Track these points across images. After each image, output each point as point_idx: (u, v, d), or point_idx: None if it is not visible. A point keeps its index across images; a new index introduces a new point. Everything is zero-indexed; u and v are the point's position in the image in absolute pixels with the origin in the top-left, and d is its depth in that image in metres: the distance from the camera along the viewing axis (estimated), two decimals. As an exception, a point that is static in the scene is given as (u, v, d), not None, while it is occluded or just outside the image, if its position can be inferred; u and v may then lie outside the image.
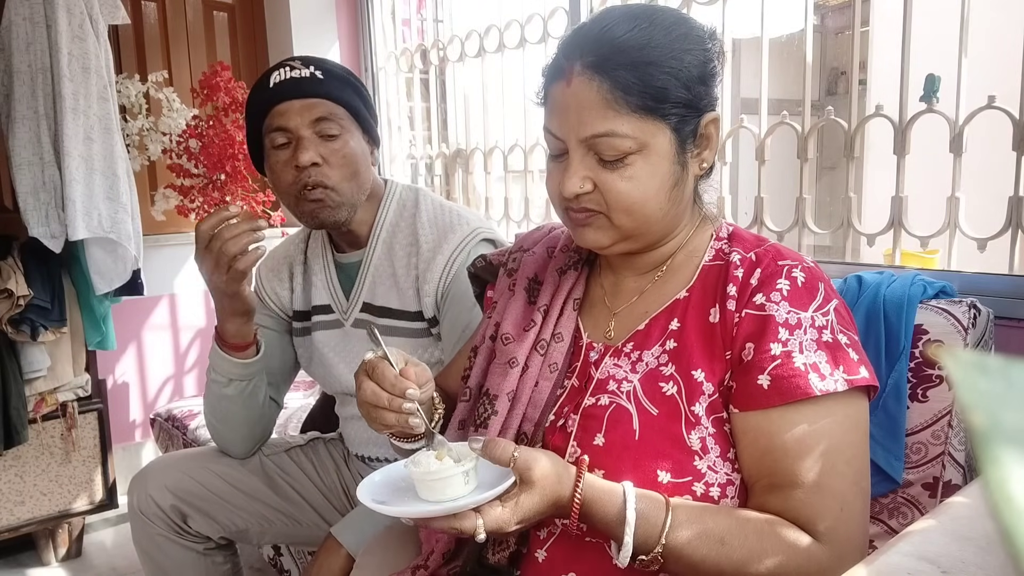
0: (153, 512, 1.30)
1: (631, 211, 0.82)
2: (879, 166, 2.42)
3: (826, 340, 0.78)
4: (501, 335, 0.95)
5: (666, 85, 0.78)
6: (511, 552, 0.88)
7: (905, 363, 1.06)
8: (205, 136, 2.35)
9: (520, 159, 2.49)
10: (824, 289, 0.81)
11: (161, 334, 2.71)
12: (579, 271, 0.96)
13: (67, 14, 1.93)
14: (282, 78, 1.24)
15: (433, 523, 0.74)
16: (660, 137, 0.80)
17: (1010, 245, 1.40)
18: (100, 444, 2.23)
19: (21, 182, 1.93)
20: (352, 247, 1.37)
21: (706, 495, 0.79)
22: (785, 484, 0.77)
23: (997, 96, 1.38)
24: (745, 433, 0.79)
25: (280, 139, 1.23)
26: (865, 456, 0.80)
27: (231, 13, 2.85)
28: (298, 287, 1.43)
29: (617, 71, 0.78)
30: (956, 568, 0.53)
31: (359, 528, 1.21)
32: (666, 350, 0.84)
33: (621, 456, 0.80)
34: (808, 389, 0.76)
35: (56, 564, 2.25)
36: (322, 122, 1.22)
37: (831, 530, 0.75)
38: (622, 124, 0.78)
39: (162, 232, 2.64)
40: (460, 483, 0.75)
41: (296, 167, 1.21)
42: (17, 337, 1.98)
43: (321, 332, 1.39)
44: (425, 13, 3.01)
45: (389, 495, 0.81)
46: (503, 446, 0.75)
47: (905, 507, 1.08)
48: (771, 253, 0.84)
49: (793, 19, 1.92)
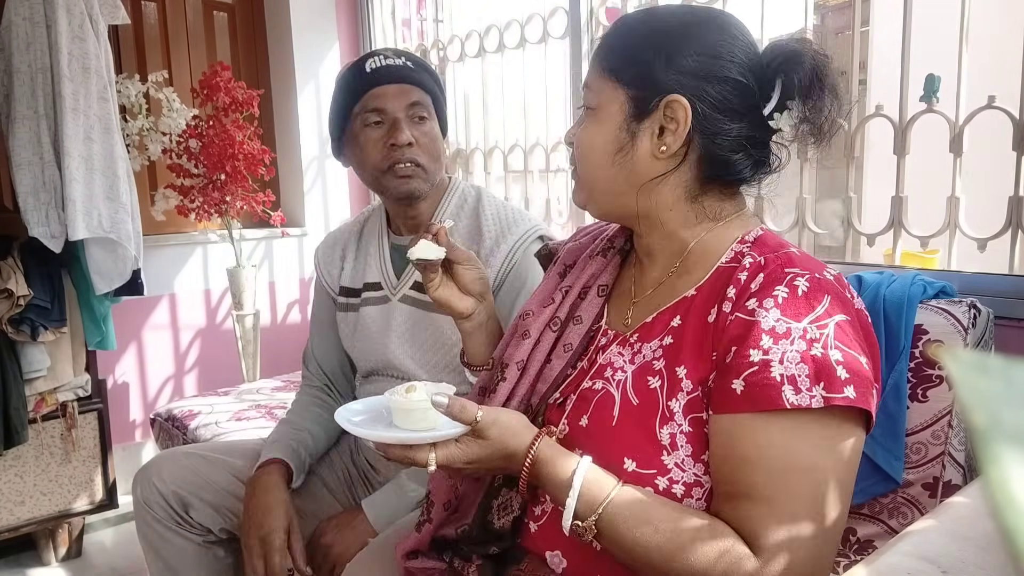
0: (156, 501, 1.32)
1: (582, 160, 0.90)
2: (879, 166, 2.42)
3: (814, 354, 0.73)
4: (524, 311, 1.00)
5: (632, 53, 0.85)
6: (514, 517, 0.92)
7: (905, 363, 1.06)
8: (205, 136, 2.36)
9: (520, 159, 2.49)
10: (829, 301, 0.76)
11: (161, 334, 2.71)
12: (608, 259, 0.99)
13: (67, 14, 1.93)
14: (378, 64, 1.35)
15: (391, 450, 0.80)
16: (613, 102, 0.86)
17: (1010, 245, 1.40)
18: (100, 444, 2.23)
19: (21, 182, 1.93)
20: (411, 231, 1.44)
21: (668, 491, 0.78)
22: (738, 494, 0.75)
23: (997, 96, 1.38)
24: (714, 436, 0.78)
25: (374, 118, 1.34)
26: (840, 484, 0.75)
27: (231, 13, 2.85)
28: (348, 265, 1.51)
29: (612, 38, 0.89)
30: (956, 568, 0.53)
31: (386, 506, 1.30)
32: (662, 345, 0.85)
33: (598, 439, 0.83)
34: (779, 400, 0.72)
35: (56, 564, 2.25)
36: (415, 107, 1.35)
37: (771, 551, 0.72)
38: (594, 80, 0.88)
39: (162, 232, 2.64)
40: (419, 418, 0.82)
41: (392, 145, 1.32)
42: (17, 337, 1.98)
43: (370, 307, 1.45)
44: (425, 13, 3.01)
45: (364, 420, 0.88)
46: (468, 409, 0.78)
47: (905, 507, 1.08)
48: (781, 259, 0.80)
49: (793, 19, 1.92)
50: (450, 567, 0.98)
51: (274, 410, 2.09)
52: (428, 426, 0.81)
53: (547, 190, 2.47)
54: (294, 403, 1.52)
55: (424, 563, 0.99)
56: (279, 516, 1.24)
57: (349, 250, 1.52)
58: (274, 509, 1.25)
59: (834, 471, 0.74)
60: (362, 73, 1.35)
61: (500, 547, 0.93)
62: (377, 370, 1.45)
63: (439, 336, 1.36)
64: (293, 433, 1.41)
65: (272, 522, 1.23)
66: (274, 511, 1.25)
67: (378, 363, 1.44)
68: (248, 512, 1.26)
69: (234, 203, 2.40)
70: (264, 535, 1.22)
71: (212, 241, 2.74)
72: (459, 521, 0.98)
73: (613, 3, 2.17)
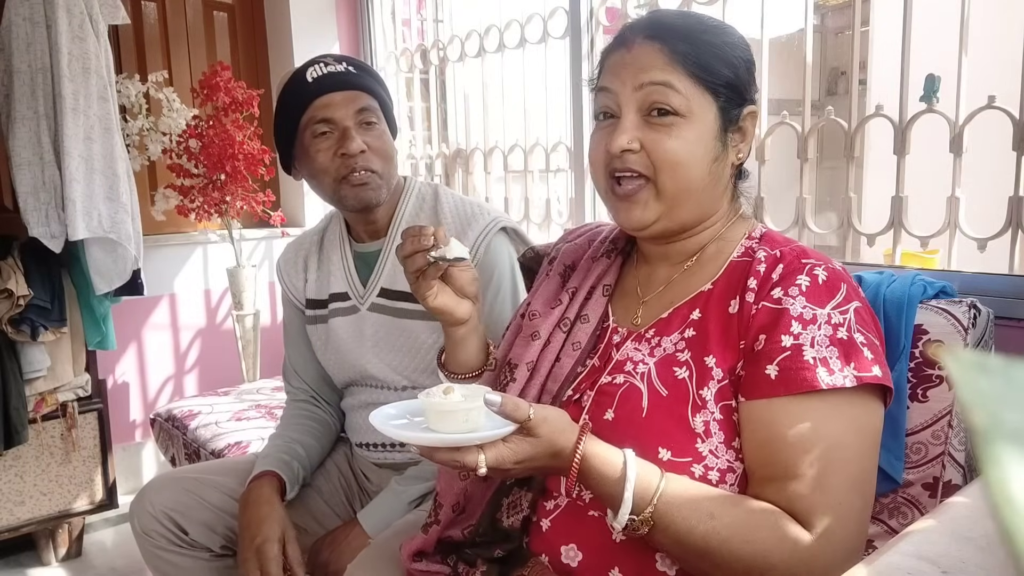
0: (153, 529, 1.31)
1: (675, 171, 0.84)
2: (879, 166, 2.42)
3: (840, 337, 0.78)
4: (529, 312, 1.01)
5: (716, 63, 0.85)
6: (523, 517, 0.91)
7: (905, 363, 1.06)
8: (205, 136, 2.35)
9: (520, 159, 2.49)
10: (846, 289, 0.82)
11: (161, 334, 2.71)
12: (612, 260, 1.00)
13: (67, 14, 1.93)
14: (320, 73, 1.31)
15: (438, 453, 0.75)
16: (707, 111, 0.85)
17: (1010, 245, 1.40)
18: (100, 444, 2.23)
19: (21, 182, 1.93)
20: (372, 237, 1.42)
21: (704, 477, 0.80)
22: (782, 476, 0.77)
23: (997, 96, 1.38)
24: (748, 421, 0.80)
25: (323, 129, 1.30)
26: (870, 461, 0.79)
27: (231, 13, 2.85)
28: (312, 276, 1.48)
29: (677, 41, 0.84)
30: (956, 568, 0.53)
31: (382, 513, 1.29)
32: (684, 337, 0.87)
33: (626, 431, 0.83)
34: (814, 382, 0.76)
35: (56, 564, 2.25)
36: (363, 112, 1.31)
37: (827, 530, 0.75)
38: (678, 80, 0.83)
39: (162, 232, 2.64)
40: (460, 419, 0.77)
41: (343, 155, 1.29)
42: (17, 337, 1.98)
43: (338, 319, 1.43)
44: (425, 13, 3.01)
45: (403, 425, 0.82)
46: (521, 406, 0.75)
47: (905, 507, 1.08)
48: (796, 251, 0.86)
49: (793, 19, 1.92)
50: (454, 572, 0.98)
51: (274, 410, 2.09)
52: (469, 428, 0.77)
53: (547, 190, 2.47)
54: (283, 418, 1.51)
55: (428, 566, 0.99)
56: (272, 527, 1.23)
57: (311, 260, 1.48)
58: (267, 520, 1.23)
59: (865, 448, 0.79)
60: (305, 83, 1.30)
61: (505, 549, 0.93)
62: (355, 381, 1.43)
63: (413, 341, 1.34)
64: (284, 446, 1.39)
65: (266, 532, 1.22)
66: (267, 522, 1.23)
67: (355, 375, 1.42)
68: (242, 526, 1.25)
69: (234, 203, 2.40)
70: (258, 546, 1.21)
71: (212, 241, 2.74)
72: (465, 522, 0.97)
73: (613, 3, 2.17)
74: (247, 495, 1.29)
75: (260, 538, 1.21)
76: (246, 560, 1.22)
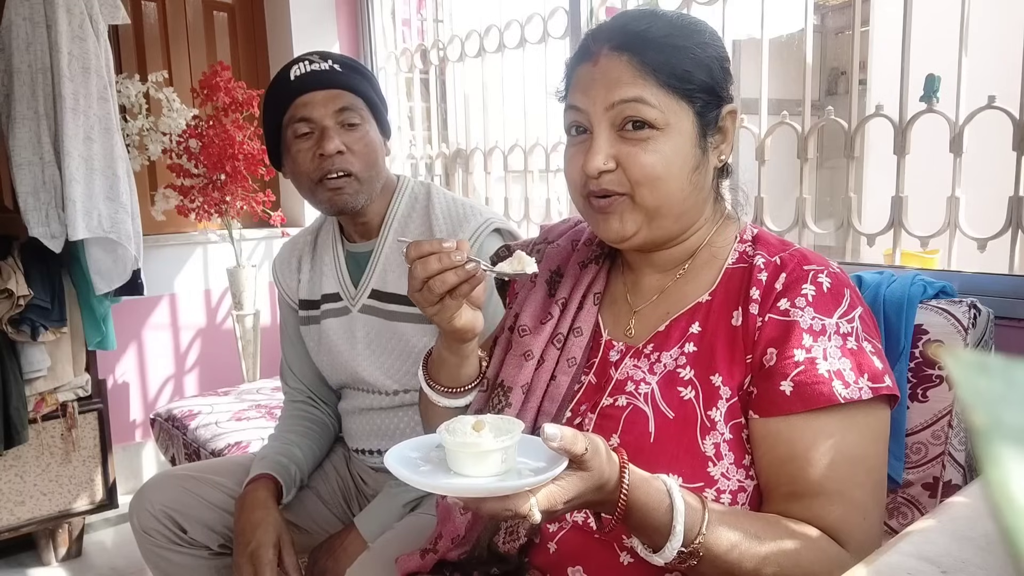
0: (152, 527, 1.31)
1: (654, 185, 0.81)
2: (879, 166, 2.42)
3: (851, 347, 0.77)
4: (519, 327, 0.95)
5: (690, 68, 0.81)
6: (521, 544, 0.88)
7: (905, 363, 1.06)
8: (205, 136, 2.35)
9: (520, 159, 2.49)
10: (850, 295, 0.81)
11: (161, 334, 2.70)
12: (600, 265, 0.96)
13: (67, 14, 1.93)
14: (303, 71, 1.28)
15: (485, 504, 0.66)
16: (684, 119, 0.81)
17: (1010, 245, 1.40)
18: (100, 444, 2.23)
19: (21, 182, 1.93)
20: (363, 237, 1.40)
21: (716, 501, 0.78)
22: (807, 492, 0.76)
23: (997, 96, 1.38)
24: (765, 439, 0.78)
25: (303, 129, 1.27)
26: (884, 467, 0.80)
27: (231, 13, 2.85)
28: (305, 277, 1.46)
29: (645, 51, 0.80)
30: (956, 568, 0.53)
31: (378, 517, 1.29)
32: (684, 352, 0.84)
33: (635, 458, 0.76)
34: (832, 396, 0.75)
35: (56, 564, 2.25)
36: (344, 112, 1.28)
37: (857, 541, 0.75)
38: (651, 94, 0.80)
39: (162, 232, 2.64)
40: (498, 460, 0.68)
41: (320, 155, 1.26)
42: (17, 337, 1.98)
43: (330, 320, 1.42)
44: (425, 13, 3.01)
45: (430, 471, 0.72)
46: (579, 440, 0.66)
47: (905, 507, 1.08)
48: (796, 257, 0.83)
49: (793, 19, 1.92)
50: None
51: (274, 410, 2.09)
52: (507, 468, 0.69)
53: (547, 190, 2.47)
54: (281, 418, 1.50)
55: None
56: (268, 531, 1.21)
57: (305, 260, 1.47)
58: (262, 525, 1.22)
59: (881, 455, 0.79)
60: (287, 81, 1.28)
61: (503, 569, 0.90)
62: (348, 383, 1.43)
63: (404, 344, 1.33)
64: (282, 448, 1.38)
65: (261, 537, 1.21)
66: (262, 526, 1.22)
67: (348, 377, 1.41)
68: (237, 530, 1.24)
69: (234, 203, 2.40)
70: (253, 551, 1.20)
71: (212, 241, 2.74)
72: (462, 547, 0.94)
73: (613, 3, 2.17)
74: (243, 499, 1.28)
75: (255, 543, 1.20)
76: (240, 566, 1.21)
